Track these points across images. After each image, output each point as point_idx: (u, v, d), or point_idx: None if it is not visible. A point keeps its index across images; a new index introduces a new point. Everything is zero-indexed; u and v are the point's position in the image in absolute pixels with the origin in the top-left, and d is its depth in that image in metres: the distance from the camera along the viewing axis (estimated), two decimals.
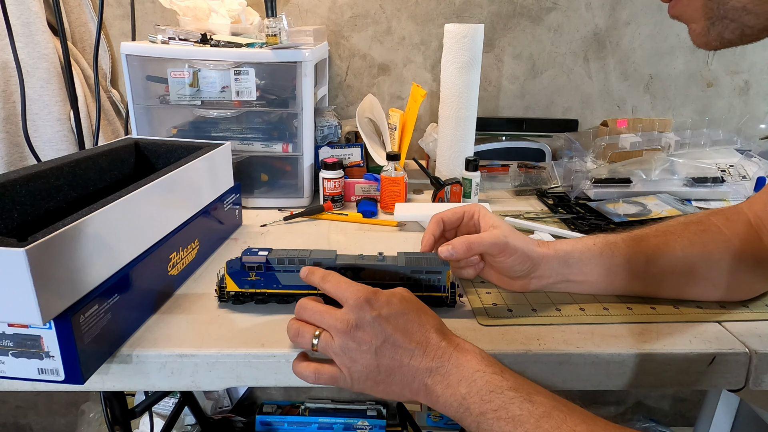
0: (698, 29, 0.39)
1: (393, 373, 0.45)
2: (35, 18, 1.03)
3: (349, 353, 0.46)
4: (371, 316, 0.45)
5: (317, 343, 0.47)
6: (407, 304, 0.48)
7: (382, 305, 0.46)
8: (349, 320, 0.46)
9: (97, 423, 1.42)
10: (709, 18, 0.38)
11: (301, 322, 0.49)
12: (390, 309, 0.46)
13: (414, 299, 0.49)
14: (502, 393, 0.41)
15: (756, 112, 1.29)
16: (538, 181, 1.04)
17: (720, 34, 0.38)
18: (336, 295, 0.49)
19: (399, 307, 0.47)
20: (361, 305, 0.46)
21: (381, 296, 0.47)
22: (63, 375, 0.46)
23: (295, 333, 0.49)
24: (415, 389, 0.45)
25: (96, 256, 0.48)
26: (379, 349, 0.45)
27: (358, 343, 0.45)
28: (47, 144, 1.09)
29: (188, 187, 0.67)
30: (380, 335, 0.45)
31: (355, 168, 1.01)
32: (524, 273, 0.58)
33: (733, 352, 0.53)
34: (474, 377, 0.43)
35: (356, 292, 0.47)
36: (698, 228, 0.60)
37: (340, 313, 0.47)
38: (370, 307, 0.46)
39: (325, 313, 0.48)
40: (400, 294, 0.49)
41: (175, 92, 0.89)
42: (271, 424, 1.41)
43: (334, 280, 0.50)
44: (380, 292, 0.48)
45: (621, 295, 0.62)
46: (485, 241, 0.55)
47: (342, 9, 1.18)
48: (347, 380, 0.47)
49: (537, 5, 1.19)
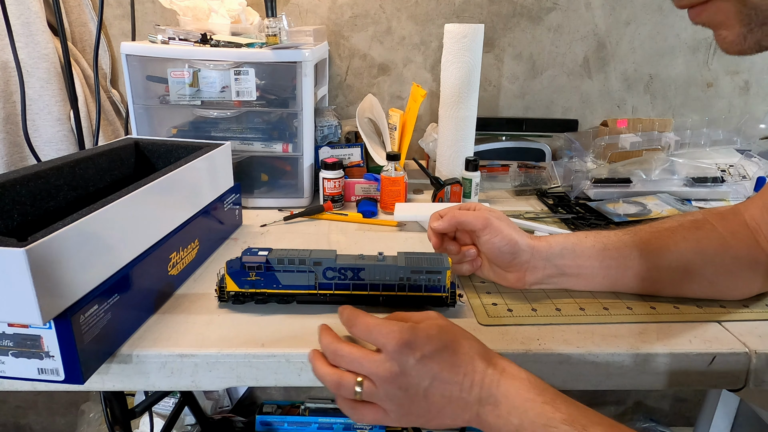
0: (732, 37, 0.36)
1: (444, 408, 0.43)
2: (35, 18, 1.03)
3: (396, 400, 0.43)
4: (415, 360, 0.42)
5: (360, 392, 0.44)
6: (447, 333, 0.45)
7: (423, 343, 0.43)
8: (391, 368, 0.43)
9: (97, 423, 1.42)
10: (747, 25, 0.35)
11: (339, 371, 0.46)
12: (432, 345, 0.43)
13: (451, 325, 0.47)
14: (557, 428, 0.39)
15: (756, 112, 1.29)
16: (538, 181, 1.04)
17: (759, 41, 0.36)
18: (369, 340, 0.46)
19: (440, 341, 0.44)
20: (401, 350, 0.43)
21: (419, 333, 0.44)
22: (63, 375, 0.46)
23: (335, 384, 0.45)
24: (467, 419, 0.43)
25: (96, 256, 0.48)
26: (428, 389, 0.43)
27: (404, 389, 0.43)
28: (47, 144, 1.09)
29: (188, 187, 0.67)
30: (427, 376, 0.43)
31: (355, 168, 1.01)
32: (514, 260, 0.59)
33: (733, 352, 0.53)
34: (525, 407, 0.41)
35: (392, 335, 0.44)
36: (692, 225, 0.60)
37: (380, 359, 0.43)
38: (411, 350, 0.43)
39: (364, 360, 0.44)
40: (437, 323, 0.46)
41: (175, 92, 0.89)
42: (271, 424, 1.41)
43: (362, 323, 0.46)
44: (417, 329, 0.44)
45: (619, 293, 0.62)
46: (469, 215, 0.59)
47: (342, 9, 1.18)
48: (395, 421, 0.44)
49: (537, 5, 1.19)
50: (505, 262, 0.60)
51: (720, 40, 0.37)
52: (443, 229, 0.62)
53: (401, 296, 0.58)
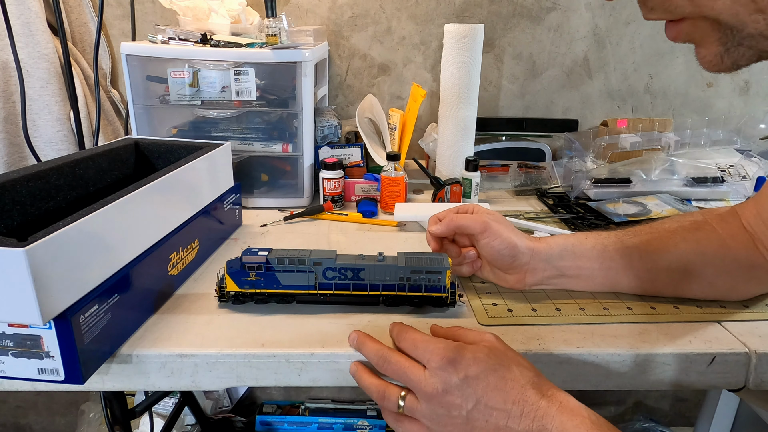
0: (710, 56, 0.36)
1: None
2: (35, 18, 1.03)
3: (439, 419, 0.42)
4: (458, 379, 0.41)
5: (403, 406, 0.44)
6: (497, 357, 0.43)
7: (469, 364, 0.42)
8: (434, 385, 0.42)
9: (97, 423, 1.42)
10: (723, 44, 0.35)
11: (385, 383, 0.46)
12: (478, 367, 0.42)
13: (504, 348, 0.45)
14: None
15: (756, 112, 1.29)
16: (538, 181, 1.04)
17: (736, 61, 0.35)
18: (415, 355, 0.45)
19: (488, 363, 0.42)
20: (445, 367, 0.42)
21: (466, 353, 0.43)
22: (63, 375, 0.46)
23: (380, 396, 0.45)
24: None
25: (96, 256, 0.48)
26: (471, 412, 0.41)
27: (447, 408, 0.42)
28: (47, 144, 1.09)
29: (188, 187, 0.67)
30: (471, 398, 0.41)
31: (355, 168, 1.01)
32: (513, 263, 0.59)
33: (733, 352, 0.53)
34: None
35: (437, 352, 0.43)
36: (692, 226, 0.60)
37: (424, 374, 0.43)
38: (455, 369, 0.42)
39: (409, 371, 0.44)
40: (488, 346, 0.44)
41: (175, 92, 0.89)
42: (271, 424, 1.41)
43: (409, 338, 0.46)
44: (464, 348, 0.43)
45: (619, 293, 0.62)
46: (468, 218, 0.59)
47: (342, 9, 1.18)
48: None
49: (537, 5, 1.19)
50: (505, 265, 0.60)
51: (699, 58, 0.37)
52: (442, 234, 0.62)
53: (401, 296, 0.58)
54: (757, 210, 0.58)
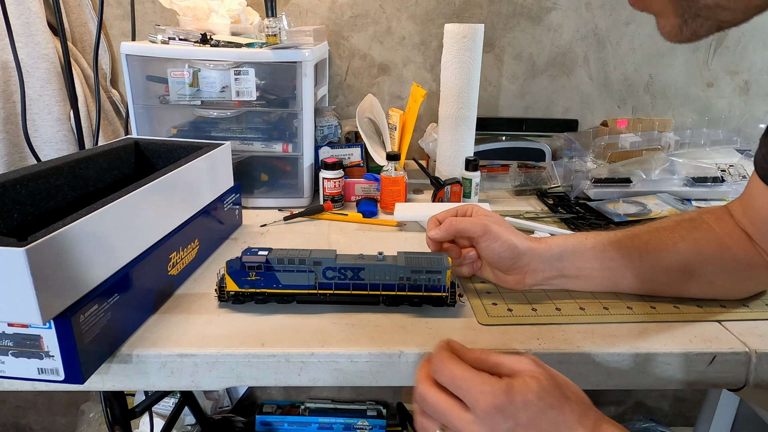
0: (669, 27, 0.37)
1: None
2: (35, 18, 1.03)
3: None
4: (507, 428, 0.38)
5: None
6: (547, 398, 0.39)
7: (518, 409, 0.38)
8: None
9: (97, 423, 1.42)
10: (681, 16, 0.35)
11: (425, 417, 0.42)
12: (528, 414, 0.38)
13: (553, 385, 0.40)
14: None
15: (756, 112, 1.29)
16: (538, 181, 1.04)
17: (695, 31, 0.35)
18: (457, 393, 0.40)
19: (539, 406, 0.38)
20: (493, 415, 0.38)
21: (516, 397, 0.38)
22: (63, 375, 0.46)
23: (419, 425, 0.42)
24: None
25: (96, 256, 0.48)
26: None
27: None
28: (47, 144, 1.09)
29: (188, 187, 0.67)
30: None
31: (355, 168, 1.01)
32: (514, 264, 0.59)
33: (733, 351, 0.53)
34: None
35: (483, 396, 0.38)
36: (690, 225, 0.60)
37: (468, 420, 0.38)
38: (503, 417, 0.38)
39: (450, 414, 0.39)
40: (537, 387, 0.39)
41: (175, 92, 0.89)
42: (271, 424, 1.41)
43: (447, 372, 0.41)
44: (513, 391, 0.38)
45: (619, 293, 0.62)
46: (467, 222, 0.59)
47: (342, 9, 1.18)
48: None
49: (537, 5, 1.19)
50: (505, 266, 0.60)
51: (660, 29, 0.38)
52: (441, 239, 0.61)
53: (401, 296, 0.58)
54: (744, 209, 0.59)
